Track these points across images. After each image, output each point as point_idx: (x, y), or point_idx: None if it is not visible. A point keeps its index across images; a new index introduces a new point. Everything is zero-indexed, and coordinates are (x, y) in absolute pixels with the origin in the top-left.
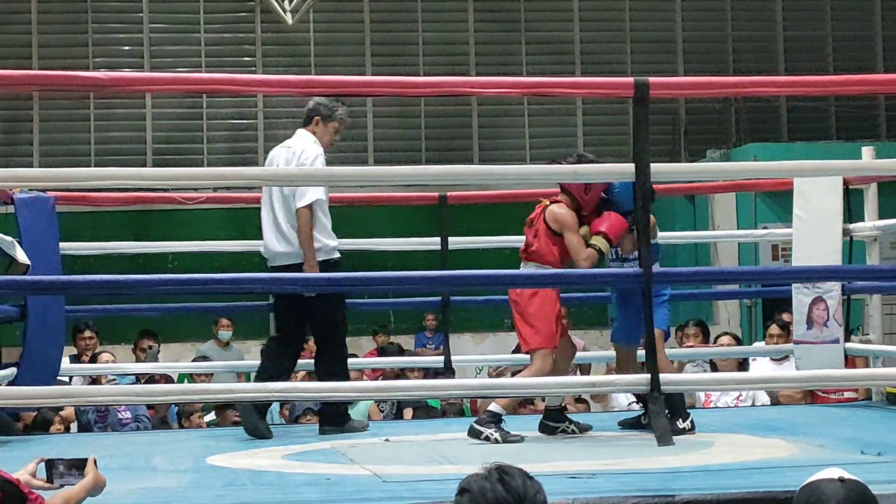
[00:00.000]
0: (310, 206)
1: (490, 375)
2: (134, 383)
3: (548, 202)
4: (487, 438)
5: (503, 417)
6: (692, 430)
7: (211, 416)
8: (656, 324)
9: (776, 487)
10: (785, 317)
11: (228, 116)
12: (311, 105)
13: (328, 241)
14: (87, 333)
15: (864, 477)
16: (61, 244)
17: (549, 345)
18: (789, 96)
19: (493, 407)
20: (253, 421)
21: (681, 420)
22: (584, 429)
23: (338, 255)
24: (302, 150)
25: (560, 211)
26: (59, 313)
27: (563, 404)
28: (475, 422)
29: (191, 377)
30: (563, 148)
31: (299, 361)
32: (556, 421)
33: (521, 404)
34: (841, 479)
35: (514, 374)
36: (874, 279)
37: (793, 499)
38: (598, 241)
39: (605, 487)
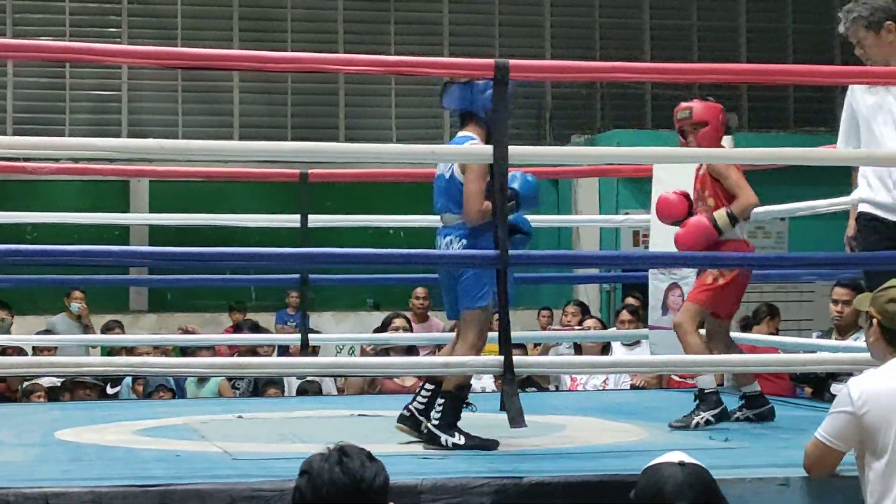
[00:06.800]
0: None
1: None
2: None
3: None
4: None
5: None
6: None
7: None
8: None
9: (623, 471)
10: (632, 300)
11: (92, 87)
12: None
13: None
14: None
15: (709, 462)
16: None
17: None
18: (654, 84)
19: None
20: None
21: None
22: None
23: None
24: None
25: None
26: None
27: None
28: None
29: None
30: (429, 129)
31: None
32: None
33: None
34: (681, 463)
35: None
36: (728, 266)
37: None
38: None
39: (455, 468)
